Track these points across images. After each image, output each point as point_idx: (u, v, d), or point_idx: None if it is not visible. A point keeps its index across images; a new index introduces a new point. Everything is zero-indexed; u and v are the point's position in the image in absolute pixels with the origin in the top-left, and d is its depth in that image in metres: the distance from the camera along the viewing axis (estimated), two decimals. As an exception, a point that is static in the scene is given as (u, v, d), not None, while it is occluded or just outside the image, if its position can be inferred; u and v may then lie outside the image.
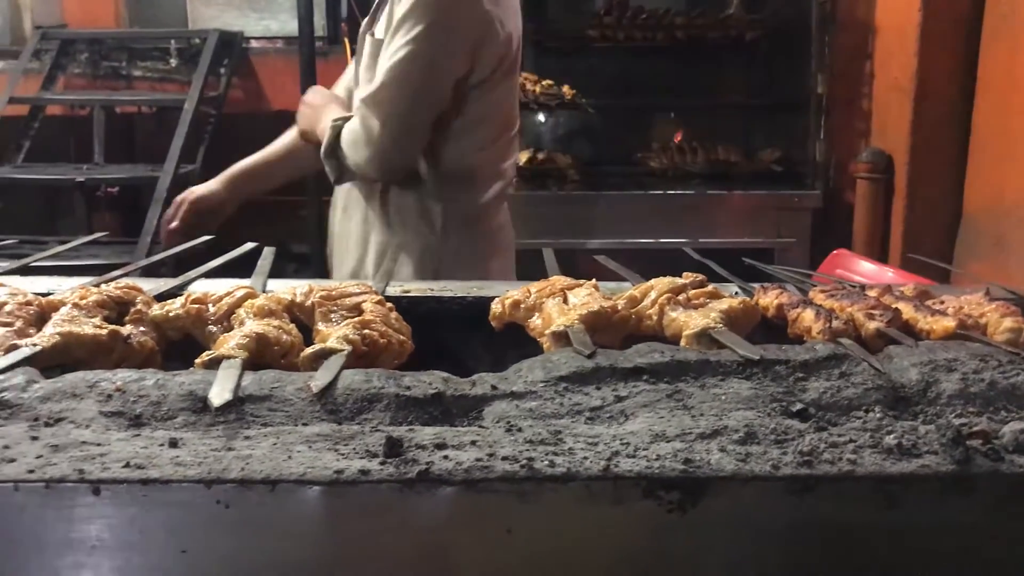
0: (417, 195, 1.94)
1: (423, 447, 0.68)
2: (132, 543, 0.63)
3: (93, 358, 0.89)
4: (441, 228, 1.95)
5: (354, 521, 0.64)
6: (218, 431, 0.71)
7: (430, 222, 1.95)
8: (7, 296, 1.01)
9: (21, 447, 0.66)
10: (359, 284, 1.09)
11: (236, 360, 0.82)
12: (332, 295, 1.03)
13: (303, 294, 1.04)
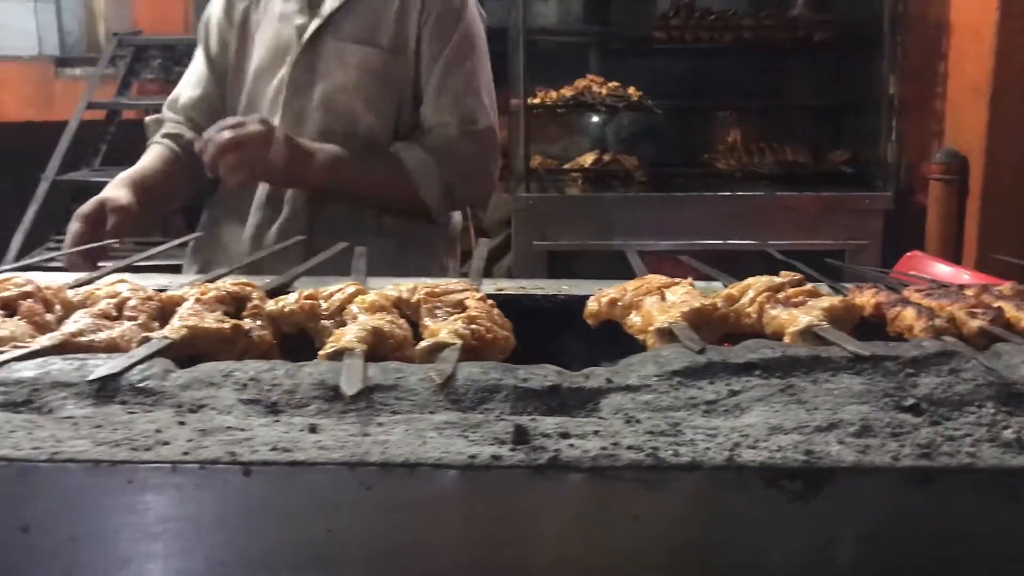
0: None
1: (548, 435, 0.70)
2: (280, 522, 0.66)
3: (217, 350, 0.94)
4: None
5: (487, 504, 0.67)
6: (352, 418, 0.74)
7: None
8: (129, 292, 1.06)
9: (171, 431, 0.70)
10: (460, 282, 1.13)
11: (358, 352, 0.86)
12: (436, 292, 1.07)
13: (408, 291, 1.07)
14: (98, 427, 0.71)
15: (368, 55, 1.90)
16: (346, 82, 1.90)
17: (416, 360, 0.90)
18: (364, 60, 1.90)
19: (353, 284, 1.07)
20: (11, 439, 0.68)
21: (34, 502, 0.66)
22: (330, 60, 1.91)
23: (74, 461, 0.66)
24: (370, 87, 1.91)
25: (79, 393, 0.78)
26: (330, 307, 1.03)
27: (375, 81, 1.91)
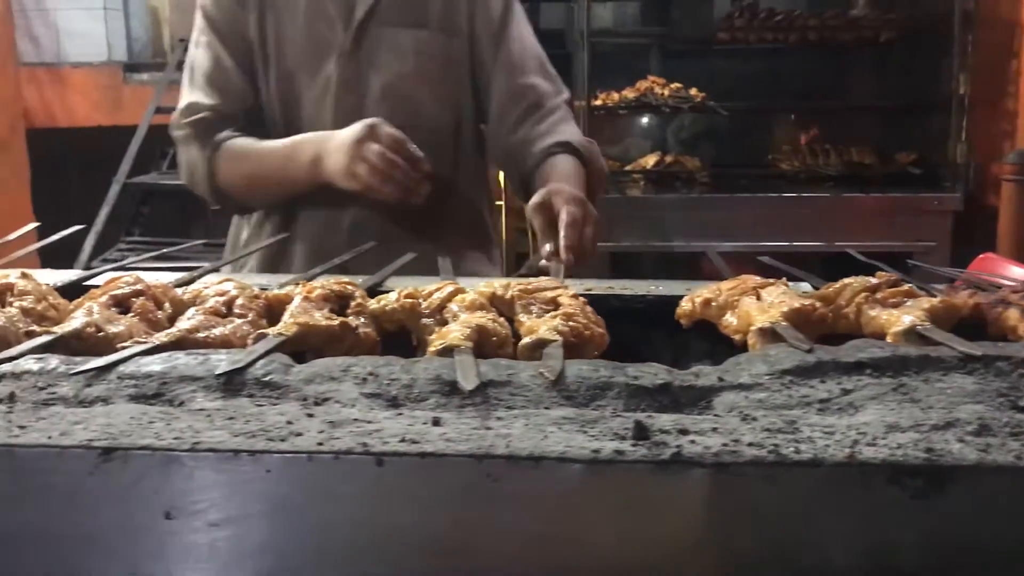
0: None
1: (667, 432, 0.72)
2: (409, 511, 0.68)
3: (326, 347, 0.97)
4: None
5: (610, 498, 0.68)
6: (472, 412, 0.76)
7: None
8: (236, 290, 1.09)
9: (302, 423, 0.73)
10: (550, 280, 1.14)
11: (466, 348, 0.88)
12: (529, 289, 1.09)
13: (502, 287, 1.09)
14: (231, 419, 0.74)
15: (423, 37, 1.80)
16: (405, 69, 1.80)
17: (518, 356, 0.92)
18: (419, 44, 1.79)
19: (451, 283, 1.10)
20: (151, 429, 0.71)
21: (176, 489, 0.68)
22: (382, 49, 1.79)
23: (214, 451, 0.68)
24: (431, 71, 1.82)
25: (207, 387, 0.81)
26: (430, 305, 1.05)
27: (435, 65, 1.81)
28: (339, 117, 1.77)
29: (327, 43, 1.79)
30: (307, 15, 1.79)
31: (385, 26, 1.78)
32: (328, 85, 1.80)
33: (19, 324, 1.01)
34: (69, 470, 0.68)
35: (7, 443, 0.69)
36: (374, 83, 1.80)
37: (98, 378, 0.83)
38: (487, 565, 0.68)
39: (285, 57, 1.81)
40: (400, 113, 1.77)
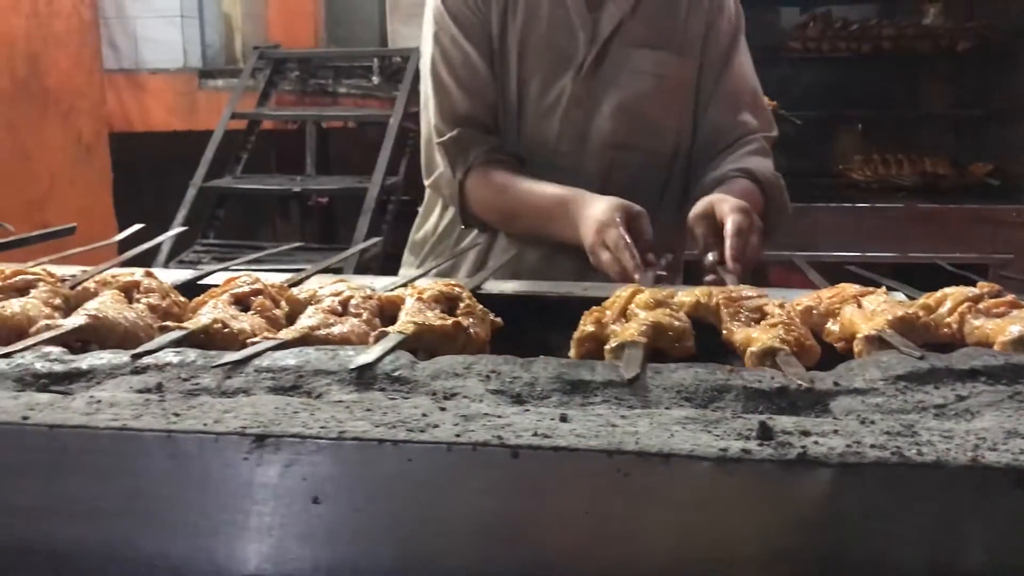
0: None
1: (789, 433, 0.74)
2: (541, 501, 0.72)
3: (441, 345, 1.01)
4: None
5: (736, 495, 0.71)
6: (596, 410, 0.79)
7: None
8: (351, 291, 1.14)
9: (436, 416, 0.77)
10: (751, 288, 1.16)
11: (639, 342, 0.92)
12: (733, 297, 1.11)
13: (705, 295, 1.12)
14: (369, 410, 0.78)
15: (662, 59, 1.77)
16: (641, 90, 1.77)
17: (746, 364, 0.95)
18: (658, 65, 1.77)
19: (630, 286, 1.13)
20: (297, 419, 0.76)
21: (324, 475, 0.73)
22: (622, 67, 1.77)
23: (360, 440, 0.73)
24: (666, 94, 1.79)
25: (340, 380, 0.86)
26: (613, 312, 1.08)
27: (671, 87, 1.80)
28: (565, 130, 1.77)
29: (567, 56, 1.77)
30: (550, 24, 1.76)
31: (628, 45, 1.77)
32: (560, 98, 1.77)
33: (147, 319, 1.07)
34: (225, 455, 0.73)
35: (166, 428, 0.74)
36: (607, 101, 1.78)
37: (236, 370, 0.88)
38: (615, 555, 0.71)
39: (522, 64, 1.78)
40: (624, 132, 1.78)
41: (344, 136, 5.56)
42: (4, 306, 1.06)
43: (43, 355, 0.92)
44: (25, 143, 3.74)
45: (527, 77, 1.78)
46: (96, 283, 1.17)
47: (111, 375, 0.88)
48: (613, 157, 1.80)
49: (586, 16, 1.76)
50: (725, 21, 1.81)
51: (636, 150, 1.79)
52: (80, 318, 1.01)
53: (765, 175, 1.77)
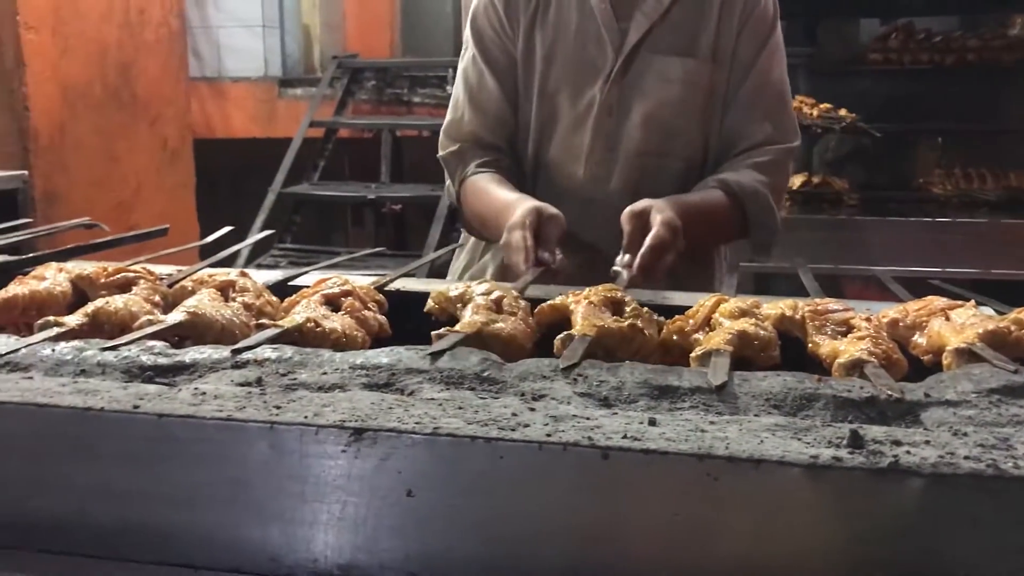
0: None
1: (880, 442, 0.74)
2: (630, 502, 0.73)
3: (618, 347, 1.03)
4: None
5: (826, 502, 0.71)
6: (685, 415, 0.80)
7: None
8: (502, 291, 1.16)
9: (526, 415, 0.79)
10: (837, 301, 1.15)
11: (725, 351, 0.93)
12: (819, 310, 1.11)
13: (791, 308, 1.12)
14: (460, 408, 0.80)
15: (691, 67, 1.76)
16: (670, 98, 1.77)
17: (833, 374, 0.96)
18: (687, 73, 1.76)
19: (714, 295, 1.14)
20: (393, 414, 0.78)
21: (418, 469, 0.75)
22: (650, 75, 1.77)
23: (453, 436, 0.75)
24: (696, 101, 1.78)
25: (431, 378, 0.88)
26: (696, 321, 1.09)
27: (700, 94, 1.78)
28: (596, 141, 1.79)
29: (595, 66, 1.79)
30: (578, 36, 1.79)
31: (656, 53, 1.77)
32: (590, 108, 1.79)
33: (242, 317, 1.11)
34: (324, 447, 0.76)
35: (269, 420, 0.77)
36: (636, 109, 1.78)
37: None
38: (703, 558, 0.72)
39: (550, 77, 1.81)
40: (655, 141, 1.79)
41: (418, 144, 5.64)
42: (108, 302, 1.11)
43: (148, 348, 0.96)
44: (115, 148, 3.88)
45: (556, 90, 1.81)
46: (193, 282, 1.21)
47: (212, 369, 0.91)
48: (644, 165, 1.80)
49: (614, 26, 1.77)
50: (758, 23, 1.78)
51: (667, 157, 1.79)
52: (180, 315, 1.06)
53: (745, 189, 1.74)
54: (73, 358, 0.93)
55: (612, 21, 1.78)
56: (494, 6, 1.84)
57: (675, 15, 1.77)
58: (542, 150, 1.84)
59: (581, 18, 1.79)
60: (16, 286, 1.19)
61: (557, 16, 1.81)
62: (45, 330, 1.03)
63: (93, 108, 3.74)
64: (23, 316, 1.17)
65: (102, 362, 0.93)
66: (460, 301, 1.14)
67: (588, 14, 1.79)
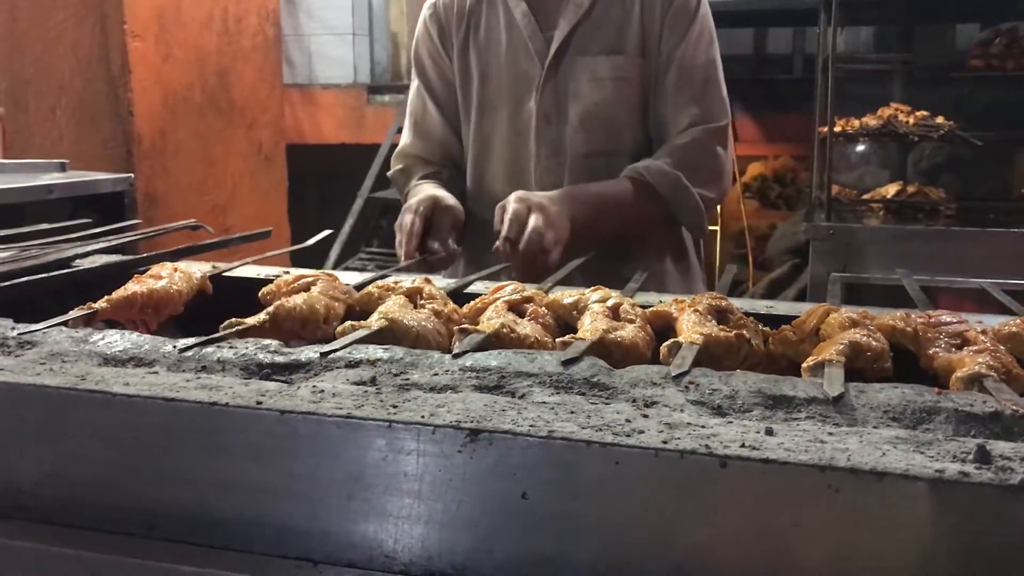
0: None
1: (1008, 458, 0.72)
2: (748, 513, 0.72)
3: (724, 355, 1.02)
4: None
5: (952, 518, 0.69)
6: (802, 426, 0.79)
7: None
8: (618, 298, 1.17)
9: (639, 422, 0.78)
10: (950, 313, 1.12)
11: (837, 361, 0.92)
12: (933, 323, 1.09)
13: (902, 320, 1.10)
14: (573, 413, 0.80)
15: (619, 64, 1.80)
16: (604, 97, 1.80)
17: (950, 388, 0.94)
18: (616, 70, 1.80)
19: (823, 304, 1.13)
20: (507, 416, 0.79)
21: (532, 472, 0.75)
22: (581, 78, 1.81)
23: (568, 440, 0.75)
24: (629, 97, 1.81)
25: (541, 382, 0.89)
26: (804, 331, 1.08)
27: (632, 89, 1.81)
28: (541, 149, 1.85)
29: (527, 77, 1.84)
30: (509, 51, 1.86)
31: (584, 55, 1.81)
32: (530, 119, 1.85)
33: (434, 323, 1.12)
34: (441, 447, 0.77)
35: (387, 419, 0.79)
36: (572, 113, 1.82)
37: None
38: (822, 570, 0.71)
39: (487, 94, 1.89)
40: (598, 140, 1.84)
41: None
42: (287, 300, 1.14)
43: (263, 347, 0.99)
44: (212, 152, 3.99)
45: (495, 106, 1.87)
46: (379, 288, 1.23)
47: (327, 367, 0.94)
48: (592, 165, 1.83)
49: (539, 36, 1.83)
50: (679, 14, 1.80)
51: (614, 156, 1.82)
52: (382, 321, 1.08)
53: (651, 172, 1.77)
54: (194, 354, 0.97)
55: (536, 32, 1.84)
56: (429, 34, 1.96)
57: (597, 15, 1.81)
58: (486, 164, 1.90)
59: (509, 33, 1.86)
60: (134, 284, 1.24)
61: (487, 35, 1.89)
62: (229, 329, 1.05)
63: (192, 113, 3.86)
64: (140, 313, 1.22)
65: (222, 359, 0.96)
66: (575, 308, 1.15)
67: (514, 28, 1.85)
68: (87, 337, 1.02)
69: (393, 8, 6.26)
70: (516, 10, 1.85)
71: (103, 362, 0.97)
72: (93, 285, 1.33)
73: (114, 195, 2.60)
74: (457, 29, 1.92)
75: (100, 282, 1.39)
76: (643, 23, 1.81)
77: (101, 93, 3.50)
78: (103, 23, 3.44)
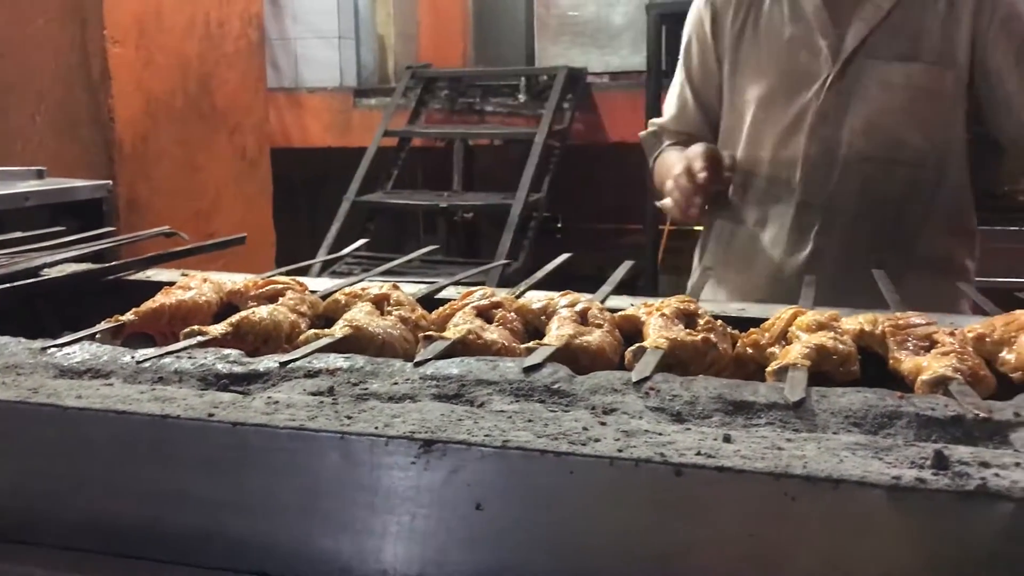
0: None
1: (966, 463, 0.71)
2: (703, 522, 0.71)
3: (691, 360, 1.02)
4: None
5: (908, 525, 0.68)
6: (760, 432, 0.78)
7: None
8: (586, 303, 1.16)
9: (597, 430, 0.77)
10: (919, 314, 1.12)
11: (801, 365, 0.91)
12: (900, 325, 1.08)
13: (869, 322, 1.09)
14: (530, 421, 0.79)
15: (913, 72, 1.75)
16: (891, 104, 1.77)
17: (917, 391, 0.93)
18: (909, 78, 1.76)
19: (791, 307, 1.12)
20: (462, 426, 0.78)
21: (487, 483, 0.74)
22: (869, 82, 1.77)
23: (523, 449, 0.74)
24: (919, 107, 1.77)
25: (501, 390, 0.87)
26: (772, 335, 1.07)
27: (924, 100, 1.77)
28: (813, 146, 1.82)
29: (809, 72, 1.81)
30: (791, 44, 1.83)
31: (875, 58, 1.77)
32: (804, 115, 1.82)
33: (400, 331, 1.11)
34: (394, 458, 0.76)
35: (340, 430, 0.78)
36: (855, 116, 1.79)
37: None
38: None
39: (761, 87, 1.86)
40: (879, 147, 1.79)
41: (490, 153, 5.67)
42: (253, 312, 1.12)
43: (223, 356, 0.97)
44: (195, 157, 3.98)
45: (769, 98, 1.85)
46: (346, 295, 1.22)
47: (286, 377, 0.92)
48: (868, 170, 1.81)
49: (831, 33, 1.79)
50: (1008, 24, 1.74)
51: (891, 164, 1.79)
52: (346, 329, 1.06)
53: None
54: (152, 365, 0.95)
55: (829, 28, 1.79)
56: (701, 22, 1.96)
57: (895, 20, 1.76)
58: (754, 157, 1.89)
59: (795, 26, 1.82)
60: (163, 296, 1.21)
61: (768, 26, 1.85)
62: (189, 339, 1.04)
63: (174, 119, 3.84)
64: (169, 325, 1.19)
65: (179, 370, 0.94)
66: (544, 313, 1.14)
67: (803, 22, 1.81)
68: (45, 349, 1.01)
69: (380, 11, 6.25)
70: (808, 3, 1.81)
71: (59, 374, 0.95)
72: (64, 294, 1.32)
73: (93, 202, 2.59)
74: (734, 18, 1.90)
75: (70, 291, 1.38)
76: (945, 32, 1.76)
77: (82, 99, 3.48)
78: (83, 29, 3.42)
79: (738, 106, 1.91)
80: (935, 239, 1.86)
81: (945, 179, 1.84)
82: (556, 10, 5.55)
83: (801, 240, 1.85)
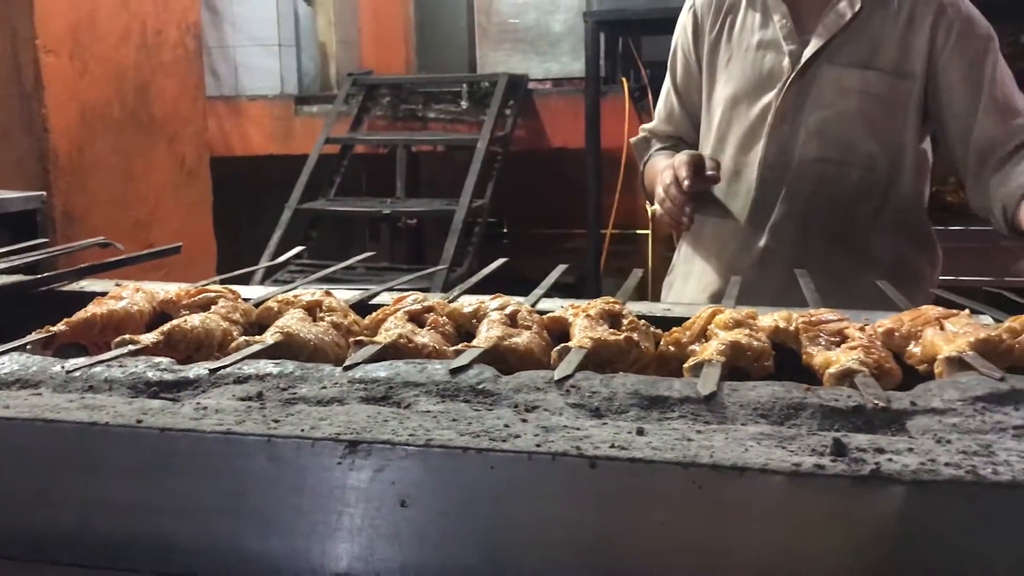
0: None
1: (864, 450, 0.75)
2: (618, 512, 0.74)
3: (615, 359, 1.05)
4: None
5: (809, 509, 0.72)
6: (673, 425, 0.82)
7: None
8: (516, 306, 1.18)
9: (518, 427, 0.80)
10: (831, 311, 1.16)
11: (716, 361, 0.94)
12: (813, 321, 1.12)
13: (784, 319, 1.14)
14: (455, 420, 0.82)
15: (869, 79, 1.84)
16: (845, 107, 1.85)
17: (824, 384, 0.97)
18: (864, 84, 1.84)
19: (711, 306, 1.16)
20: (388, 427, 0.80)
21: (411, 480, 0.77)
22: (825, 86, 1.86)
23: (445, 447, 0.77)
24: (872, 112, 1.85)
25: (428, 392, 0.90)
26: (692, 333, 1.10)
27: (877, 105, 1.85)
28: (771, 145, 1.90)
29: (772, 76, 1.91)
30: (759, 48, 1.93)
31: (834, 64, 1.85)
32: (765, 115, 1.91)
33: (333, 336, 1.12)
34: (320, 460, 0.78)
35: (266, 433, 0.80)
36: (811, 117, 1.87)
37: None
38: (689, 565, 0.74)
39: (730, 89, 1.96)
40: (832, 149, 1.88)
41: (433, 159, 5.69)
42: (185, 320, 1.13)
43: (153, 364, 0.98)
44: (133, 167, 3.93)
45: (736, 99, 1.94)
46: (278, 302, 1.23)
47: (216, 384, 0.94)
48: (821, 171, 1.88)
49: (795, 38, 1.89)
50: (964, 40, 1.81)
51: (843, 166, 1.87)
52: (277, 335, 1.08)
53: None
54: (81, 375, 0.96)
55: (793, 34, 1.89)
56: (684, 29, 2.06)
57: (856, 27, 1.85)
58: (720, 155, 1.96)
59: (763, 32, 1.92)
60: (95, 306, 1.21)
61: (740, 33, 1.96)
62: (120, 348, 1.04)
63: (111, 129, 3.80)
64: (101, 335, 1.18)
65: (109, 378, 0.95)
66: (475, 316, 1.16)
67: (770, 28, 1.92)
68: (-27, 361, 1.01)
69: (320, 18, 6.23)
70: (776, 11, 1.91)
71: (-12, 386, 0.95)
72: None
73: (26, 213, 2.55)
74: (712, 25, 2.00)
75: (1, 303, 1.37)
76: (901, 46, 1.83)
77: (14, 109, 3.43)
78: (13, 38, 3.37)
79: (711, 108, 2.01)
80: (887, 241, 1.93)
81: (897, 184, 1.90)
82: (497, 17, 5.59)
83: (755, 236, 1.94)
